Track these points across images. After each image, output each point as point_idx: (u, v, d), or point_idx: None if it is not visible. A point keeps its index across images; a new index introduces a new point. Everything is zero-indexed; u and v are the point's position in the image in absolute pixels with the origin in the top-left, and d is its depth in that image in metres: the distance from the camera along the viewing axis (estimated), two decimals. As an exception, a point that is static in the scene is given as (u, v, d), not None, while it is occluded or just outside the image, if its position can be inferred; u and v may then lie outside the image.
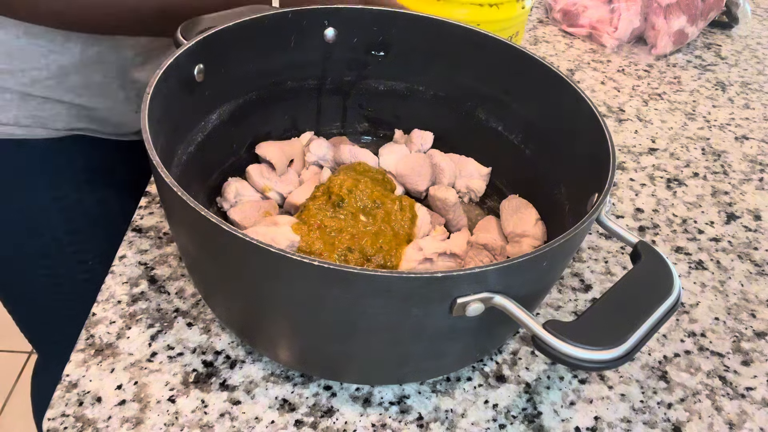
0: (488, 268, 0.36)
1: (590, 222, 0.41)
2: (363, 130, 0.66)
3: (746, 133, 0.84)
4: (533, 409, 0.47)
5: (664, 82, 0.93)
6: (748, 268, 0.63)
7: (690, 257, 0.63)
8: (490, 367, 0.50)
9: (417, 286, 0.36)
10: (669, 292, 0.39)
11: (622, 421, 0.47)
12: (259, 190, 0.58)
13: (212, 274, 0.44)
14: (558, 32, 1.03)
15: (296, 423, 0.44)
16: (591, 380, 0.50)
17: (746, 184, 0.75)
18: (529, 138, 0.59)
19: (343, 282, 0.36)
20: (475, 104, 0.61)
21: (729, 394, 0.51)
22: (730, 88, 0.94)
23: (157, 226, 0.57)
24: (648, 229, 0.66)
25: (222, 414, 0.44)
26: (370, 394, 0.47)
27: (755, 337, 0.56)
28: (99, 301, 0.51)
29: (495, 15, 0.71)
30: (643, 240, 0.43)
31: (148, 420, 0.43)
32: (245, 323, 0.46)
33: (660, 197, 0.70)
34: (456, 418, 0.46)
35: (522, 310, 0.37)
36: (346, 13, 0.58)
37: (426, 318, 0.38)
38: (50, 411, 0.43)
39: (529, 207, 0.57)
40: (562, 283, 0.58)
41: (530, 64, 0.55)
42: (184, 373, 0.46)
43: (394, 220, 0.52)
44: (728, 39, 1.09)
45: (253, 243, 0.35)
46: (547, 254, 0.38)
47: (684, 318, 0.57)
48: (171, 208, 0.42)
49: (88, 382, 0.45)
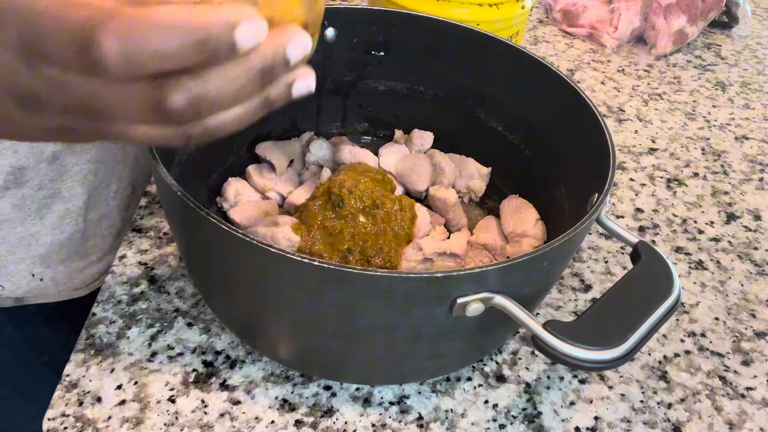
0: (488, 268, 0.36)
1: (590, 222, 0.41)
2: (363, 130, 0.66)
3: (746, 133, 0.84)
4: (533, 409, 0.47)
5: (664, 82, 0.93)
6: (748, 268, 0.63)
7: (690, 257, 0.63)
8: (490, 367, 0.50)
9: (417, 286, 0.36)
10: (669, 292, 0.39)
11: (622, 421, 0.47)
12: (259, 190, 0.58)
13: (212, 274, 0.44)
14: (558, 32, 1.03)
15: (296, 423, 0.44)
16: (591, 380, 0.50)
17: (746, 184, 0.75)
18: (529, 138, 0.59)
19: (343, 282, 0.36)
20: (475, 104, 0.61)
21: (729, 394, 0.51)
22: (730, 88, 0.94)
23: (157, 226, 0.57)
24: (648, 229, 0.66)
25: (222, 414, 0.44)
26: (370, 394, 0.47)
27: (755, 337, 0.56)
28: (99, 301, 0.51)
29: (495, 15, 0.71)
30: (643, 240, 0.43)
31: (148, 420, 0.43)
32: (245, 323, 0.46)
33: (660, 197, 0.70)
34: (456, 418, 0.46)
35: (522, 310, 0.37)
36: (346, 13, 0.58)
37: (426, 318, 0.38)
38: (50, 411, 0.43)
39: (529, 207, 0.57)
40: (562, 283, 0.58)
41: (530, 64, 0.55)
42: (184, 373, 0.46)
43: (394, 221, 0.52)
44: (728, 39, 1.09)
45: (253, 243, 0.35)
46: (547, 254, 0.38)
47: (684, 318, 0.57)
48: (171, 208, 0.42)
49: (88, 382, 0.45)
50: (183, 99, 0.25)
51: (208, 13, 0.24)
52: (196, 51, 0.24)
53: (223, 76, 0.26)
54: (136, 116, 0.26)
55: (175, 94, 0.25)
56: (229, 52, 0.25)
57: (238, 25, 0.24)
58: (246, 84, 0.26)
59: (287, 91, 0.29)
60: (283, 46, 0.27)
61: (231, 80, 0.26)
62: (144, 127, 0.27)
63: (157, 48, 0.24)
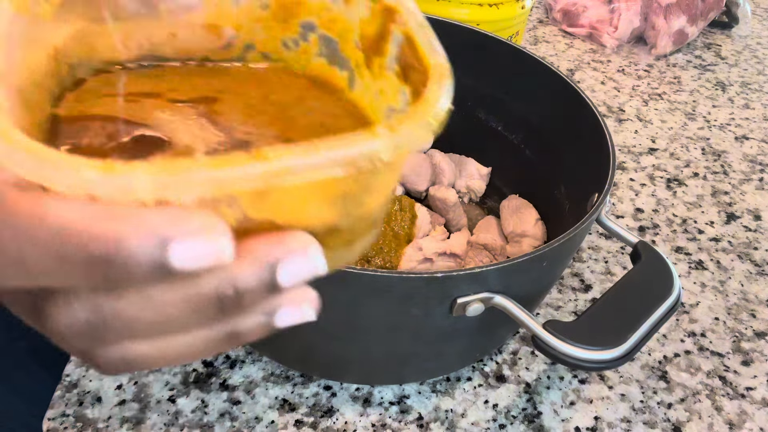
0: (488, 268, 0.36)
1: (590, 222, 0.41)
2: (363, 130, 0.66)
3: (746, 133, 0.84)
4: (533, 409, 0.47)
5: (664, 82, 0.93)
6: (748, 268, 0.63)
7: (690, 257, 0.63)
8: (490, 367, 0.50)
9: (417, 286, 0.36)
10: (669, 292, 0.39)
11: (622, 421, 0.47)
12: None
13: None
14: (558, 32, 1.03)
15: (296, 423, 0.44)
16: (591, 380, 0.50)
17: (746, 184, 0.75)
18: (529, 138, 0.59)
19: (343, 282, 0.36)
20: (475, 104, 0.61)
21: (729, 394, 0.51)
22: (730, 88, 0.94)
23: (157, 226, 0.57)
24: (648, 229, 0.66)
25: (222, 414, 0.44)
26: (370, 394, 0.47)
27: (755, 337, 0.56)
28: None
29: (495, 15, 0.71)
30: (643, 240, 0.43)
31: (148, 420, 0.43)
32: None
33: (660, 197, 0.70)
34: (456, 418, 0.46)
35: (522, 310, 0.37)
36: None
37: (426, 318, 0.38)
38: (50, 411, 0.43)
39: (529, 207, 0.57)
40: (562, 283, 0.58)
41: (530, 64, 0.55)
42: (184, 373, 0.46)
43: (394, 221, 0.52)
44: (728, 39, 1.09)
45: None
46: (547, 254, 0.38)
47: (684, 318, 0.56)
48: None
49: (88, 382, 0.45)
50: (72, 319, 0.17)
51: (126, 221, 0.16)
52: (90, 272, 0.16)
53: (146, 301, 0.17)
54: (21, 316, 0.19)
55: (61, 311, 0.17)
56: (156, 276, 0.16)
57: (171, 243, 0.16)
58: (194, 314, 0.18)
59: (266, 323, 0.19)
60: (268, 266, 0.18)
61: (161, 305, 0.17)
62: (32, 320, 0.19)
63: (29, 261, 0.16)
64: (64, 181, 0.15)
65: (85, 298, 0.17)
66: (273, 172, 0.16)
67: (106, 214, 0.16)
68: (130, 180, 0.15)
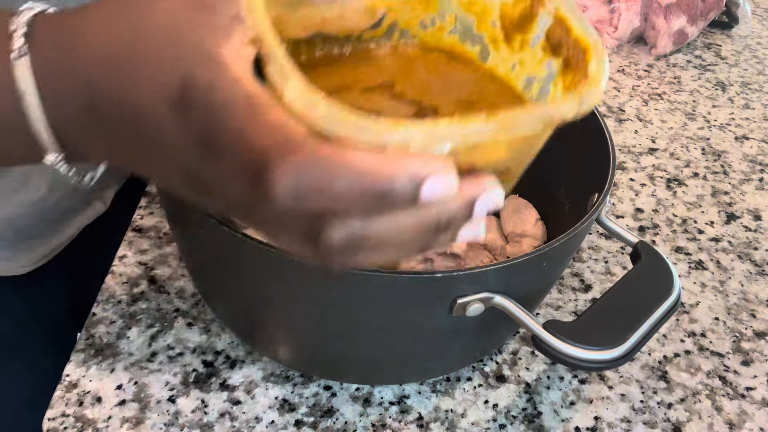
0: (488, 268, 0.36)
1: (590, 222, 0.41)
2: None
3: (746, 133, 0.84)
4: (533, 409, 0.47)
5: (664, 82, 0.93)
6: (748, 268, 0.63)
7: (690, 257, 0.63)
8: (490, 367, 0.50)
9: (417, 286, 0.36)
10: (669, 292, 0.39)
11: (622, 421, 0.47)
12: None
13: (212, 274, 0.44)
14: (558, 32, 1.03)
15: (296, 423, 0.44)
16: (591, 380, 0.50)
17: (746, 184, 0.75)
18: (529, 138, 0.58)
19: (343, 282, 0.36)
20: (475, 104, 0.61)
21: (729, 394, 0.51)
22: (730, 88, 0.94)
23: (157, 226, 0.57)
24: (648, 229, 0.66)
25: (222, 414, 0.44)
26: (370, 394, 0.47)
27: (755, 337, 0.56)
28: (99, 301, 0.51)
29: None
30: (643, 240, 0.43)
31: (148, 420, 0.43)
32: (245, 323, 0.46)
33: (660, 197, 0.70)
34: (456, 418, 0.46)
35: (522, 310, 0.37)
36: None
37: (426, 318, 0.38)
38: (50, 411, 0.43)
39: (529, 207, 0.57)
40: (562, 283, 0.58)
41: (530, 64, 0.55)
42: (184, 373, 0.46)
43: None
44: (728, 39, 1.09)
45: (253, 243, 0.35)
46: (547, 254, 0.38)
47: (684, 318, 0.56)
48: (171, 208, 0.42)
49: (88, 382, 0.45)
50: (341, 238, 0.23)
51: (396, 165, 0.21)
52: (374, 201, 0.22)
53: (394, 223, 0.23)
54: (285, 234, 0.25)
55: (335, 231, 0.23)
56: (407, 205, 0.22)
57: (425, 180, 0.22)
58: (417, 233, 0.24)
59: (453, 238, 0.25)
60: (471, 201, 0.24)
61: (401, 228, 0.23)
62: (288, 240, 0.25)
63: (335, 194, 0.22)
64: (365, 137, 0.21)
65: (354, 219, 0.23)
66: (504, 127, 0.22)
67: (386, 160, 0.22)
68: (412, 134, 0.21)
